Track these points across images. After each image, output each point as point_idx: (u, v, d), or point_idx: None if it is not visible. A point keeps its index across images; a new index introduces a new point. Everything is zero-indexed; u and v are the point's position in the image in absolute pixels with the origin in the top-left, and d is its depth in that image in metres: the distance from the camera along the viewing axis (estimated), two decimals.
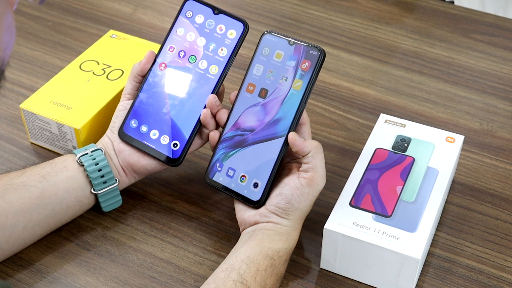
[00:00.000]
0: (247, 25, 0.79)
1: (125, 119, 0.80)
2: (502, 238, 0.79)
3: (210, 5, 0.80)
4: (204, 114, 0.77)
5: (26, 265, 0.76)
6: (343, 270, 0.75)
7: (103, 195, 0.78)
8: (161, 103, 0.80)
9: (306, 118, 0.74)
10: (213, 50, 0.79)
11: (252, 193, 0.74)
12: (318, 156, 0.71)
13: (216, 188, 0.76)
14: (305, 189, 0.71)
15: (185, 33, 0.81)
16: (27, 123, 0.88)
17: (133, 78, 0.81)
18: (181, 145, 0.78)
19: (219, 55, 0.79)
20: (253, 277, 0.67)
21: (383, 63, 1.05)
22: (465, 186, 0.85)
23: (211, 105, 0.77)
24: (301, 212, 0.72)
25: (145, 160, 0.79)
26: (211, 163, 0.76)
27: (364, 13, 1.15)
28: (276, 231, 0.71)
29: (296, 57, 0.74)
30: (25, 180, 0.75)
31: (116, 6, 1.17)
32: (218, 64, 0.79)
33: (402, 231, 0.71)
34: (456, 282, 0.75)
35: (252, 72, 0.76)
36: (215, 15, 0.80)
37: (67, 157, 0.78)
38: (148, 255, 0.77)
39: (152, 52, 0.81)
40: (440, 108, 0.96)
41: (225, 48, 0.79)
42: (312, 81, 0.73)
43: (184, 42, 0.80)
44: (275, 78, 0.75)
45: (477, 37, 1.09)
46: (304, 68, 0.73)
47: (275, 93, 0.74)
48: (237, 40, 0.79)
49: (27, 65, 1.04)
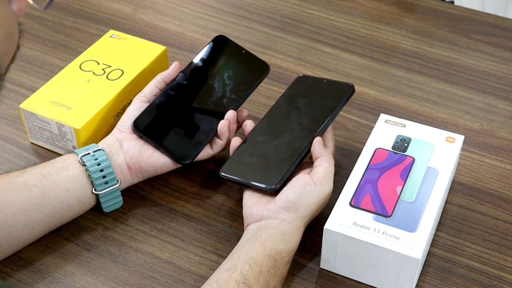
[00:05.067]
0: (268, 68, 0.89)
1: (142, 113, 0.82)
2: (502, 238, 0.79)
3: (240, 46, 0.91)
4: (223, 124, 0.82)
5: (26, 265, 0.76)
6: (343, 270, 0.75)
7: (104, 196, 0.78)
8: (180, 108, 0.85)
9: (332, 145, 0.81)
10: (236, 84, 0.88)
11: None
12: (329, 162, 0.76)
13: (232, 181, 0.78)
14: (317, 186, 0.73)
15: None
16: (27, 123, 0.88)
17: (156, 83, 0.85)
18: (194, 146, 0.82)
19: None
20: (256, 278, 0.67)
21: (383, 63, 1.05)
22: (465, 186, 0.85)
23: (229, 118, 0.82)
24: (308, 210, 0.73)
25: (154, 157, 0.80)
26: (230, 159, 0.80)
27: (364, 13, 1.15)
28: (281, 230, 0.71)
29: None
30: (25, 179, 0.75)
31: (116, 6, 1.17)
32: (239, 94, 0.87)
33: (402, 231, 0.71)
34: (456, 282, 0.75)
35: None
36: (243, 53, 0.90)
37: (68, 157, 0.78)
38: (148, 255, 0.77)
39: (177, 63, 0.86)
40: (440, 108, 0.96)
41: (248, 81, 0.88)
42: (339, 105, 0.81)
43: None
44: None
45: (477, 37, 1.09)
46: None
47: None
48: (260, 78, 0.88)
49: (27, 65, 1.04)
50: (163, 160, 0.80)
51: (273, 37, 1.10)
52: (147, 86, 0.85)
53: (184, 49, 1.06)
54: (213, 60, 0.89)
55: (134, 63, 0.92)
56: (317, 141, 0.78)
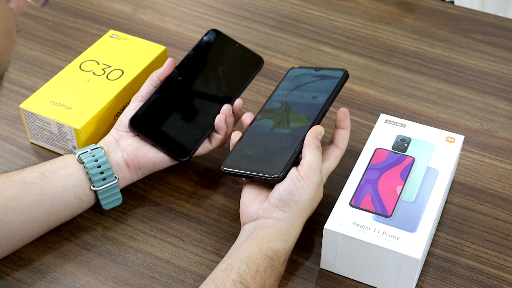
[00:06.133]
0: (262, 61, 0.89)
1: (138, 111, 0.82)
2: (502, 238, 0.79)
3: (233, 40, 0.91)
4: (219, 119, 0.82)
5: (26, 265, 0.76)
6: (343, 270, 0.75)
7: (103, 192, 0.78)
8: (176, 104, 0.84)
9: (344, 145, 0.79)
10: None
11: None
12: (312, 151, 0.74)
13: (235, 173, 0.76)
14: (304, 180, 0.72)
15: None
16: (27, 123, 0.88)
17: (152, 82, 0.84)
18: (190, 145, 0.82)
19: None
20: (253, 278, 0.67)
21: (383, 63, 1.05)
22: (465, 186, 0.85)
23: (225, 112, 0.82)
24: (301, 206, 0.72)
25: (153, 153, 0.80)
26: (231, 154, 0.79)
27: (364, 13, 1.15)
28: (277, 229, 0.71)
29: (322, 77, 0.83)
30: (24, 177, 0.75)
31: (116, 6, 1.17)
32: (236, 87, 0.87)
33: (402, 231, 0.71)
34: (456, 282, 0.75)
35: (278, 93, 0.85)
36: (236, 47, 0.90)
37: (67, 156, 0.78)
38: (148, 255, 0.77)
39: (171, 60, 0.85)
40: (440, 108, 0.96)
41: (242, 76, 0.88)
42: (334, 92, 0.80)
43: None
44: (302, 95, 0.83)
45: (477, 37, 1.09)
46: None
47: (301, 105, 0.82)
48: (254, 72, 0.88)
49: (27, 65, 1.04)
50: (161, 156, 0.80)
51: (273, 37, 1.10)
52: (143, 85, 0.85)
53: (184, 49, 1.06)
54: (207, 55, 0.89)
55: (134, 63, 0.92)
56: (311, 130, 0.76)
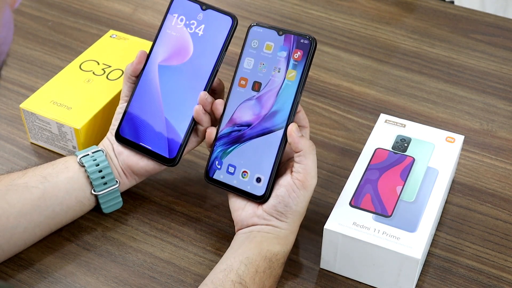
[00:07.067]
0: (235, 20, 0.77)
1: (121, 122, 0.79)
2: (502, 238, 0.79)
3: (198, 1, 0.79)
4: (197, 111, 0.76)
5: (27, 266, 0.76)
6: (343, 270, 0.75)
7: (104, 196, 0.78)
8: (155, 103, 0.79)
9: (307, 122, 0.74)
10: (204, 46, 0.78)
11: (256, 188, 0.73)
12: (310, 157, 0.71)
13: (218, 186, 0.76)
14: (300, 191, 0.71)
15: (175, 31, 0.79)
16: (27, 123, 0.88)
17: (127, 80, 0.80)
18: (177, 144, 0.78)
19: (209, 51, 0.78)
20: (252, 278, 0.67)
21: (383, 63, 1.05)
22: (465, 186, 0.85)
23: (202, 101, 0.76)
24: (298, 214, 0.72)
25: (143, 161, 0.79)
26: (210, 161, 0.76)
27: (364, 13, 1.15)
28: (275, 235, 0.71)
29: (287, 48, 0.73)
30: (26, 181, 0.75)
31: (116, 6, 1.17)
32: (209, 60, 0.77)
33: (402, 231, 0.71)
34: (456, 282, 0.75)
35: (243, 66, 0.75)
36: (203, 11, 0.78)
37: (68, 158, 0.78)
38: (148, 255, 0.77)
39: (143, 52, 0.79)
40: (440, 108, 0.96)
41: (215, 44, 0.77)
42: (306, 70, 0.72)
43: (174, 40, 0.79)
44: (267, 71, 0.74)
45: (477, 37, 1.09)
46: (297, 58, 0.72)
47: (269, 86, 0.74)
48: (226, 35, 0.77)
49: (27, 65, 1.04)
50: (152, 164, 0.79)
51: None
52: (123, 85, 0.81)
53: None
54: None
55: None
56: (294, 130, 0.71)
